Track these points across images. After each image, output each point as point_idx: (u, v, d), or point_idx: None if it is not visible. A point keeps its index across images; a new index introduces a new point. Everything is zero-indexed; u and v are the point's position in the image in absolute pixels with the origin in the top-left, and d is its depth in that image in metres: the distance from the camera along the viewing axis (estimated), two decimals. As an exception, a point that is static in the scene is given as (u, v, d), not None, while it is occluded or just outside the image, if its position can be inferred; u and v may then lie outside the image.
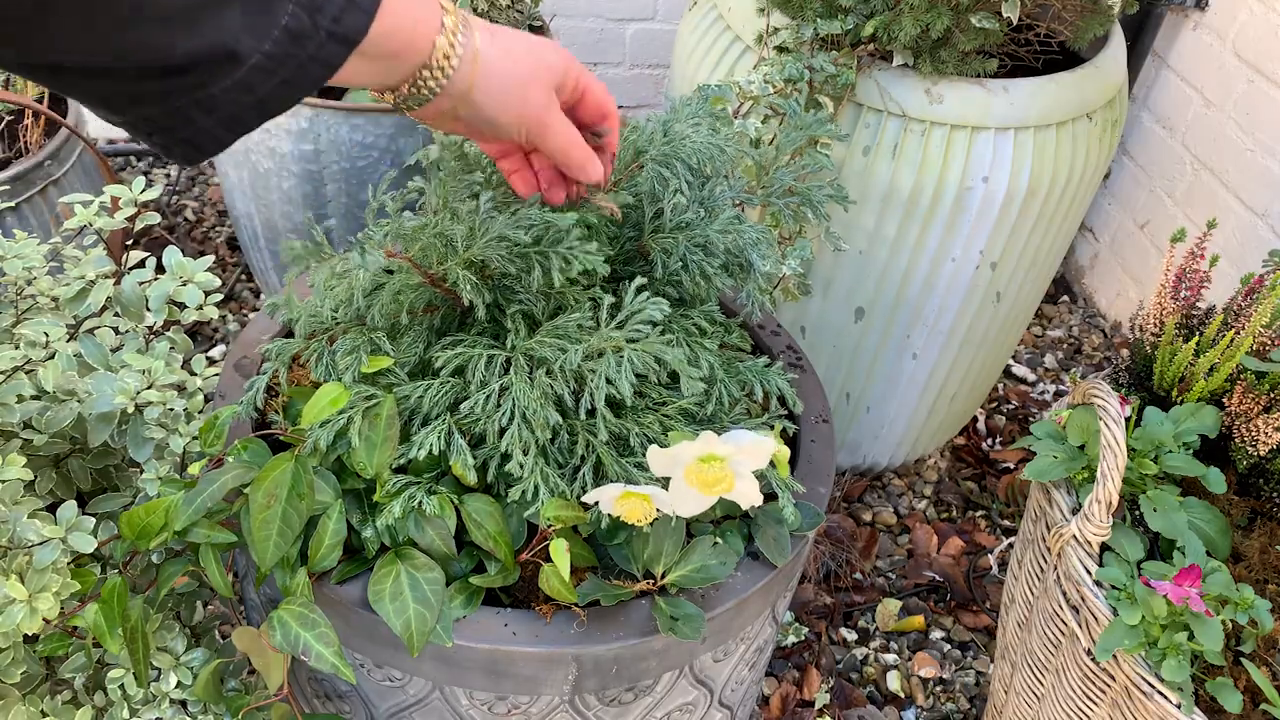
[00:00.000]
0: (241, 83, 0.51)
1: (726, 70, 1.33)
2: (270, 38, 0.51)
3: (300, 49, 0.52)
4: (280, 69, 0.52)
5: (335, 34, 0.53)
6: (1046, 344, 2.07)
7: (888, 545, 1.64)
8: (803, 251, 1.10)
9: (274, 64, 0.51)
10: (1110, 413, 0.87)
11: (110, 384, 0.86)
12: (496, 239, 0.75)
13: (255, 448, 0.79)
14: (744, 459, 0.69)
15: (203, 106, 0.52)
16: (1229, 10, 1.72)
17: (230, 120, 0.54)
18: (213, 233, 2.11)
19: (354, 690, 0.86)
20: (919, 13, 1.17)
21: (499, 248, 0.75)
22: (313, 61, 0.53)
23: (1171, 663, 0.82)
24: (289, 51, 0.52)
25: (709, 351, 0.82)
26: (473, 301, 0.76)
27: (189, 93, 0.51)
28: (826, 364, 1.49)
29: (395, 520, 0.77)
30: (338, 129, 1.49)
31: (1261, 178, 1.67)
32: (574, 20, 2.19)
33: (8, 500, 0.77)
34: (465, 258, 0.75)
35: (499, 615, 0.78)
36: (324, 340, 0.85)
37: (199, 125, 0.53)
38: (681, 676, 0.85)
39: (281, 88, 0.53)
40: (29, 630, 0.72)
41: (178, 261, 0.94)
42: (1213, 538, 0.92)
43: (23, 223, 1.51)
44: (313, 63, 0.53)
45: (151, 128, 0.53)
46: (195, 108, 0.52)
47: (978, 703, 1.43)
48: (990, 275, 1.37)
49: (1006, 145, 1.25)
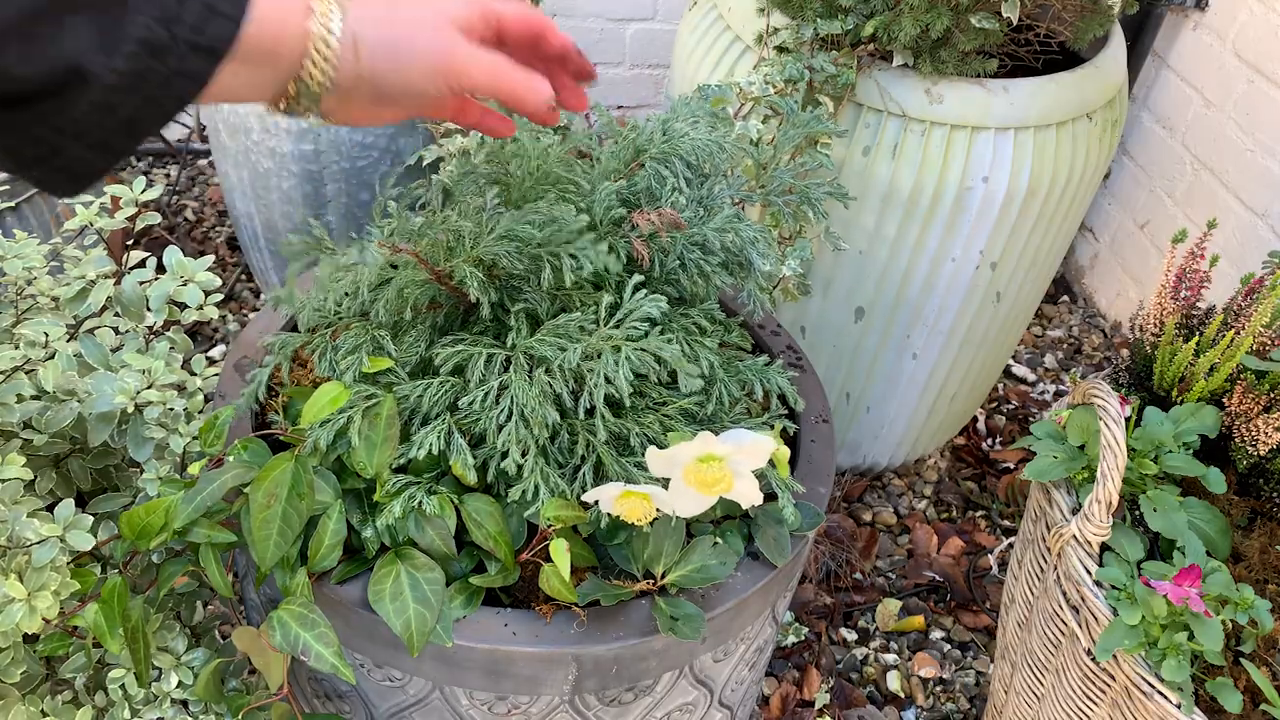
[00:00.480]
0: (100, 104, 0.48)
1: (726, 70, 1.33)
2: (122, 53, 0.47)
3: (161, 63, 0.48)
4: (142, 86, 0.48)
5: (198, 45, 0.50)
6: (1046, 344, 2.07)
7: (888, 545, 1.64)
8: (803, 252, 1.10)
9: (133, 81, 0.48)
10: (1110, 413, 0.87)
11: (110, 384, 0.86)
12: (504, 236, 0.74)
13: (255, 447, 0.79)
14: (743, 458, 0.69)
15: (66, 133, 0.48)
16: (1229, 10, 1.72)
17: (100, 145, 0.50)
18: (213, 233, 2.11)
19: (354, 690, 0.86)
20: (919, 13, 1.17)
21: (507, 245, 0.75)
22: (178, 76, 0.49)
23: (1171, 663, 0.82)
24: (148, 66, 0.48)
25: (708, 350, 0.82)
26: (478, 299, 0.76)
27: (47, 119, 0.48)
28: (826, 364, 1.49)
29: (395, 520, 0.77)
30: (338, 129, 1.49)
31: (1261, 178, 1.67)
32: (574, 20, 2.19)
33: (7, 500, 0.77)
34: (473, 255, 0.75)
35: (499, 615, 0.78)
36: (327, 335, 0.85)
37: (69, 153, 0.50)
38: (681, 676, 0.85)
39: (148, 106, 0.49)
40: (28, 629, 0.72)
41: (178, 261, 0.94)
42: (1213, 538, 0.92)
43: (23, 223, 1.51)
44: (178, 77, 0.50)
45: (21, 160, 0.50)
46: (58, 135, 0.48)
47: (978, 703, 1.43)
48: (990, 275, 1.37)
49: (1006, 145, 1.25)
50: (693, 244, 0.83)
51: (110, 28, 0.47)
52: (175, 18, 0.48)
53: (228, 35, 0.51)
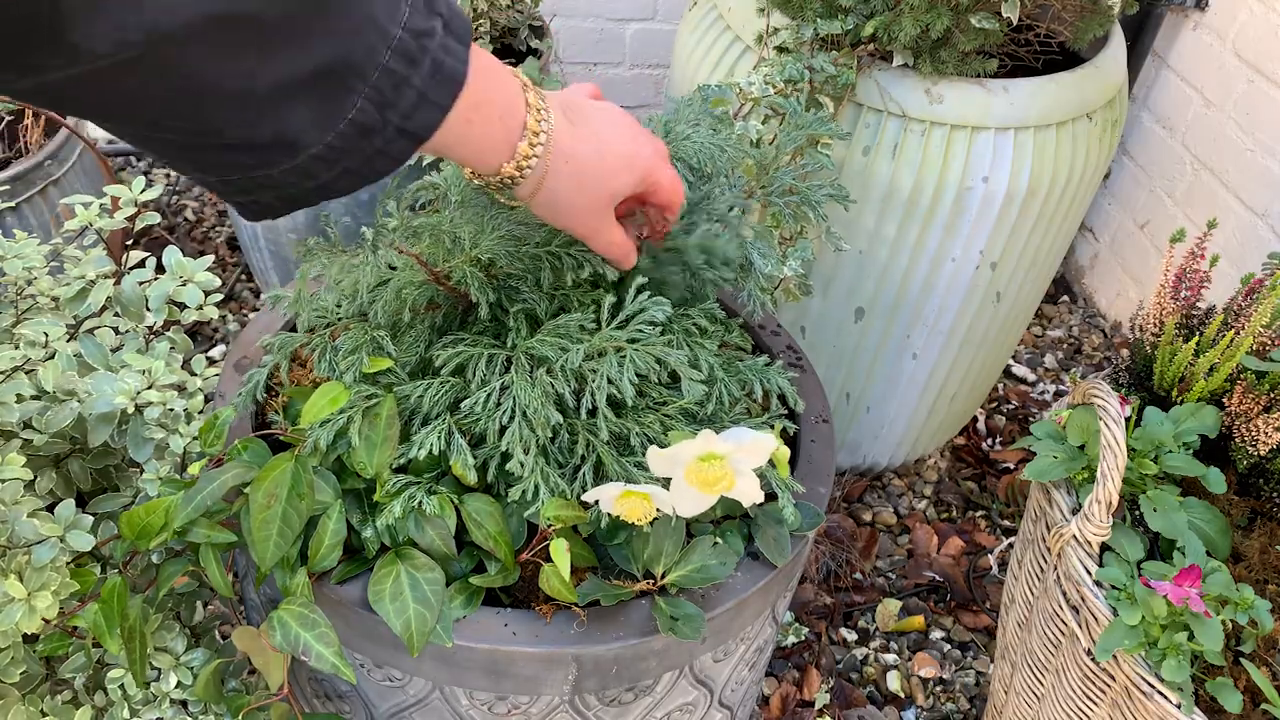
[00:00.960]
0: (299, 169, 0.50)
1: (726, 70, 1.33)
2: (335, 130, 0.49)
3: (367, 143, 0.51)
4: (343, 159, 0.51)
5: (405, 130, 0.52)
6: (1046, 344, 2.07)
7: (888, 545, 1.64)
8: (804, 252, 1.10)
9: (336, 155, 0.50)
10: (1110, 413, 0.87)
11: (110, 384, 0.86)
12: (505, 236, 0.75)
13: (255, 447, 0.79)
14: (744, 457, 0.69)
15: (260, 183, 0.51)
16: (1229, 10, 1.72)
17: (289, 199, 0.53)
18: (213, 233, 2.11)
19: (354, 690, 0.86)
20: (919, 13, 1.17)
21: (507, 245, 0.75)
22: (379, 155, 0.52)
23: (1171, 663, 0.82)
24: (354, 145, 0.50)
25: (709, 351, 0.82)
26: (476, 300, 0.76)
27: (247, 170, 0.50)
28: (826, 364, 1.49)
29: (395, 520, 0.77)
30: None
31: (1261, 178, 1.67)
32: (574, 20, 2.19)
33: (7, 500, 0.77)
34: (472, 255, 0.75)
35: (499, 615, 0.78)
36: (326, 335, 0.85)
37: (258, 198, 0.53)
38: (681, 676, 0.85)
39: (344, 176, 0.52)
40: (28, 629, 0.72)
41: (178, 261, 0.94)
42: (1213, 538, 0.92)
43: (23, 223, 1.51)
44: (379, 156, 0.52)
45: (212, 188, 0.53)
46: (252, 183, 0.51)
47: (978, 703, 1.43)
48: (990, 275, 1.37)
49: (1006, 145, 1.25)
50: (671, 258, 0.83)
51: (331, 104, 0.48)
52: (390, 103, 0.50)
53: (433, 124, 0.53)
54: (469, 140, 0.56)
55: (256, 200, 0.53)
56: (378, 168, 0.53)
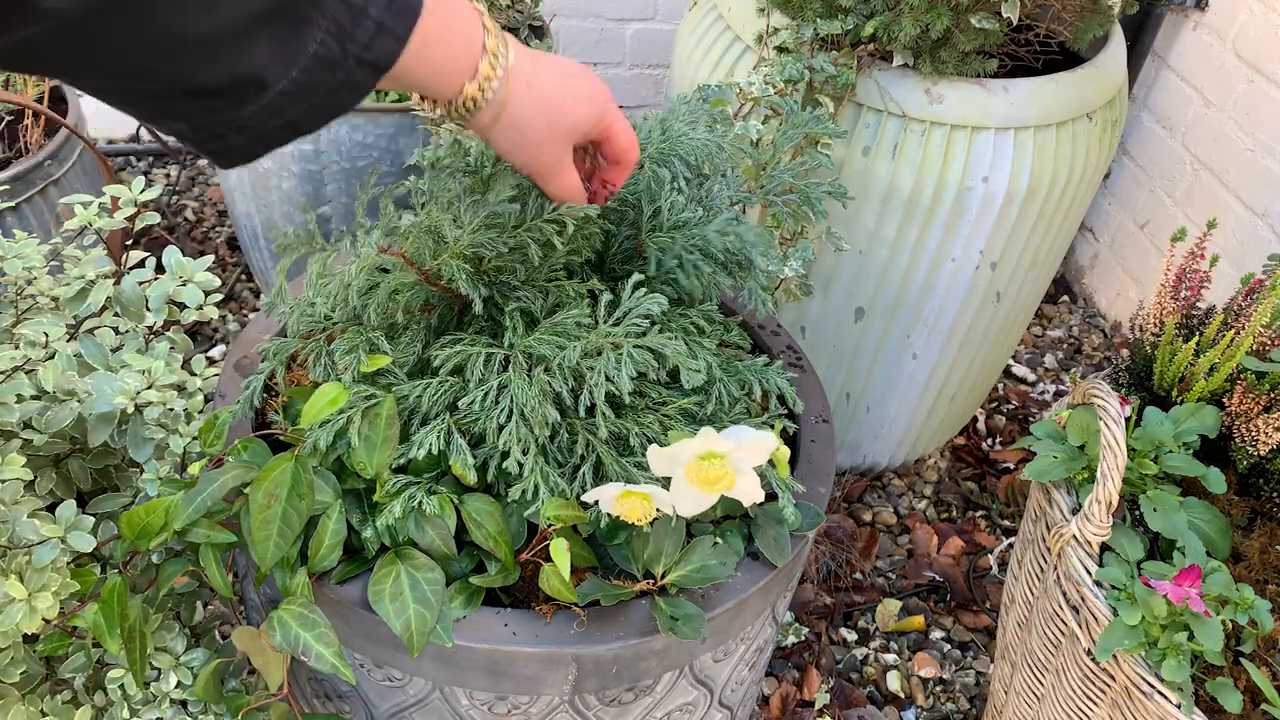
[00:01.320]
0: (269, 107, 0.52)
1: (726, 70, 1.33)
2: (298, 65, 0.51)
3: (330, 75, 0.52)
4: (309, 95, 0.52)
5: (365, 60, 0.53)
6: (1046, 344, 2.07)
7: (888, 545, 1.64)
8: (804, 252, 1.10)
9: (302, 90, 0.52)
10: (1110, 413, 0.87)
11: (110, 384, 0.86)
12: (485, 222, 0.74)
13: (255, 448, 0.79)
14: (745, 455, 0.69)
15: (231, 126, 0.53)
16: (1229, 10, 1.72)
17: (260, 138, 0.54)
18: (213, 233, 2.11)
19: (354, 690, 0.86)
20: (919, 13, 1.17)
21: (488, 234, 0.75)
22: (342, 87, 0.53)
23: (1171, 663, 0.82)
24: (318, 78, 0.52)
25: (707, 350, 0.82)
26: (470, 297, 0.76)
27: (218, 114, 0.52)
28: (826, 364, 1.49)
29: (395, 520, 0.77)
30: (338, 129, 1.49)
31: (1261, 178, 1.67)
32: (574, 20, 2.19)
33: (8, 500, 0.77)
34: (457, 249, 0.75)
35: (499, 615, 0.78)
36: (322, 340, 0.85)
37: (229, 141, 0.54)
38: (681, 676, 0.85)
39: (311, 111, 0.54)
40: (28, 629, 0.72)
41: (177, 261, 0.94)
42: (1213, 538, 0.92)
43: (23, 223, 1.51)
44: (342, 88, 0.54)
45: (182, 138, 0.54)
46: (224, 126, 0.53)
47: (978, 703, 1.43)
48: (990, 275, 1.37)
49: (1006, 145, 1.25)
50: (693, 246, 0.83)
51: (292, 41, 0.50)
52: (348, 34, 0.52)
53: (393, 52, 0.54)
54: (429, 63, 0.57)
55: (229, 144, 0.54)
56: (343, 100, 0.54)
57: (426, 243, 0.77)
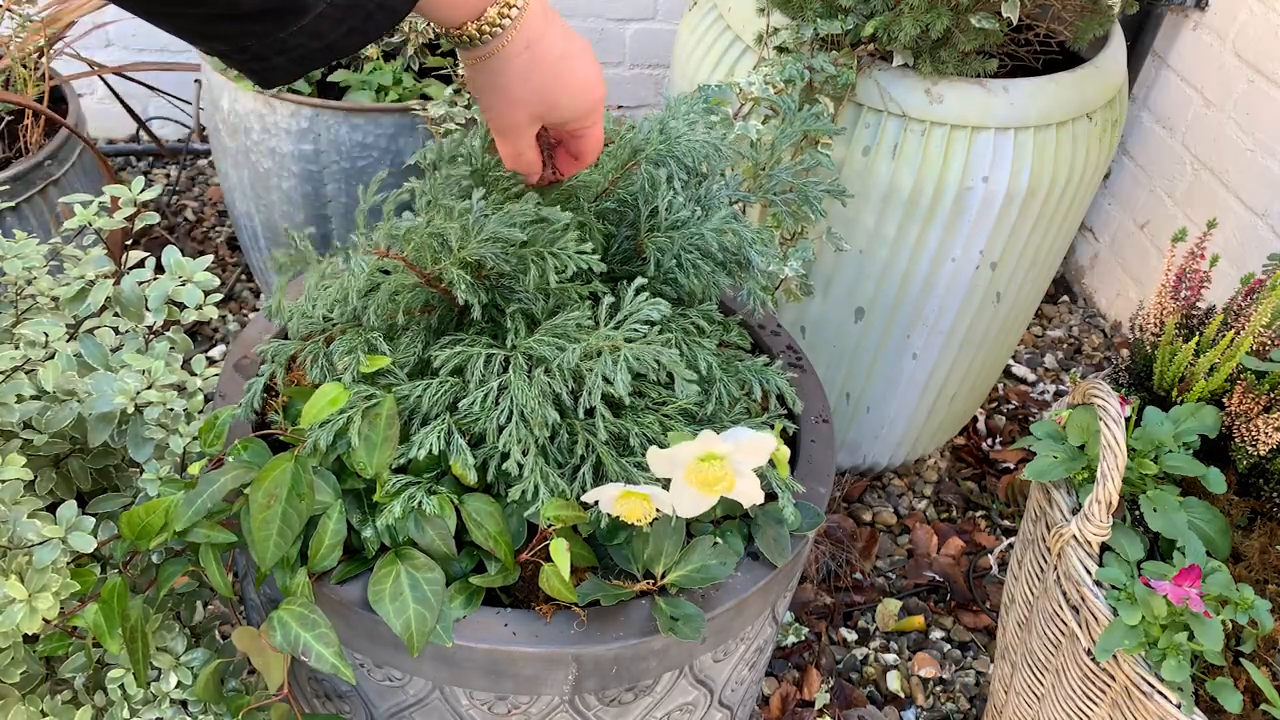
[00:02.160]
0: (308, 29, 0.55)
1: (726, 70, 1.33)
2: None
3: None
4: (348, 17, 0.55)
5: None
6: (1046, 344, 2.07)
7: (888, 545, 1.64)
8: (805, 252, 1.10)
9: (341, 13, 0.55)
10: (1110, 413, 0.87)
11: (110, 384, 0.86)
12: (490, 239, 0.75)
13: (255, 448, 0.79)
14: (744, 457, 0.69)
15: (273, 48, 0.55)
16: (1229, 10, 1.72)
17: (300, 60, 0.57)
18: (213, 233, 2.11)
19: (354, 690, 0.86)
20: (919, 13, 1.17)
21: (493, 247, 0.75)
22: (379, 10, 0.56)
23: (1171, 663, 0.82)
24: (356, 1, 0.55)
25: (707, 351, 0.82)
26: (467, 301, 0.76)
27: (260, 36, 0.55)
28: (826, 364, 1.49)
29: (395, 520, 0.77)
30: (338, 129, 1.49)
31: (1261, 178, 1.67)
32: (574, 20, 2.19)
33: (8, 500, 0.77)
34: (460, 257, 0.75)
35: (499, 615, 0.78)
36: (320, 341, 0.85)
37: (270, 62, 0.57)
38: (681, 676, 0.85)
39: (349, 34, 0.56)
40: (29, 630, 0.72)
41: (177, 261, 0.94)
42: (1213, 538, 0.92)
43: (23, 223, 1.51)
44: (379, 11, 0.56)
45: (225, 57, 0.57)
46: (266, 48, 0.55)
47: (978, 703, 1.43)
48: (990, 275, 1.37)
49: (1006, 145, 1.25)
50: (691, 245, 0.83)
51: None
52: None
53: None
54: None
55: (269, 64, 0.57)
56: (379, 22, 0.57)
57: (430, 246, 0.77)
